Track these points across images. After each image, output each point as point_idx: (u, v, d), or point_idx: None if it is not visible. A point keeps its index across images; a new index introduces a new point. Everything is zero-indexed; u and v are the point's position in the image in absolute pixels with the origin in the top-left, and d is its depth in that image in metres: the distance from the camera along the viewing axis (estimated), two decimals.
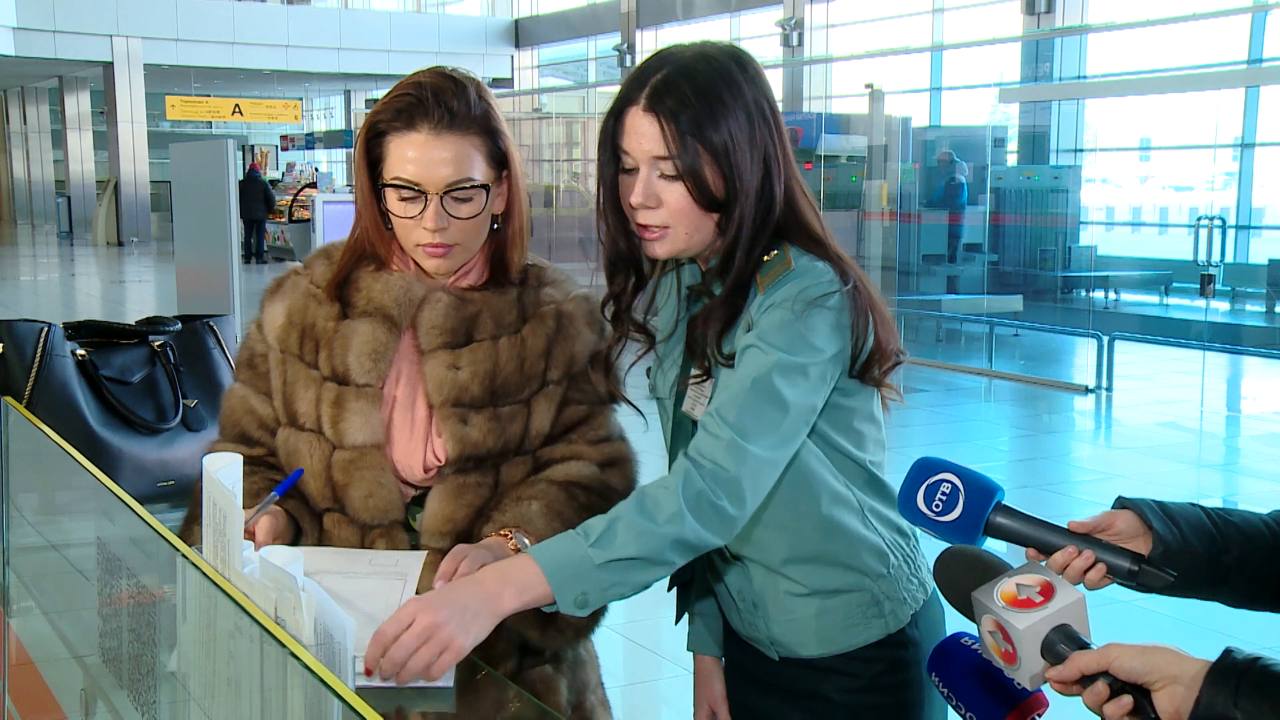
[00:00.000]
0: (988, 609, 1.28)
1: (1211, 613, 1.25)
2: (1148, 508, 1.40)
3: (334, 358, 1.79)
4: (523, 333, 1.82)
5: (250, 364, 1.88)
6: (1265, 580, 1.42)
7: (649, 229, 1.62)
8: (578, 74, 27.89)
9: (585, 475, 1.82)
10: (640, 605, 2.15)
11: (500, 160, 1.78)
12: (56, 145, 31.04)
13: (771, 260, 1.61)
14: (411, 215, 1.74)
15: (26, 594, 2.41)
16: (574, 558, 1.48)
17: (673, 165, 1.57)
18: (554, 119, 19.40)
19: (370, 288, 1.81)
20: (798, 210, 1.64)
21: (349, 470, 1.76)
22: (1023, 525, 1.38)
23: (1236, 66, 14.07)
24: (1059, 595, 1.26)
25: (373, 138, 1.76)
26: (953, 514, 1.38)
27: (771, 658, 1.76)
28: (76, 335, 2.82)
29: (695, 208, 1.59)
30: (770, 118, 1.61)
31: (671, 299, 1.80)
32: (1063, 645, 1.24)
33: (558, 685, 1.83)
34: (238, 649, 1.27)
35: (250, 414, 1.86)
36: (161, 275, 17.72)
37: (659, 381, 1.78)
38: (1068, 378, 10.46)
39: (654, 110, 1.57)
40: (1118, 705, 1.19)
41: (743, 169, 1.57)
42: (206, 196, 6.07)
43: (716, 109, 1.56)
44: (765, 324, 1.57)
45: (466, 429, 1.77)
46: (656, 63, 1.61)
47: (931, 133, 14.55)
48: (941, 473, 1.40)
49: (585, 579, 1.48)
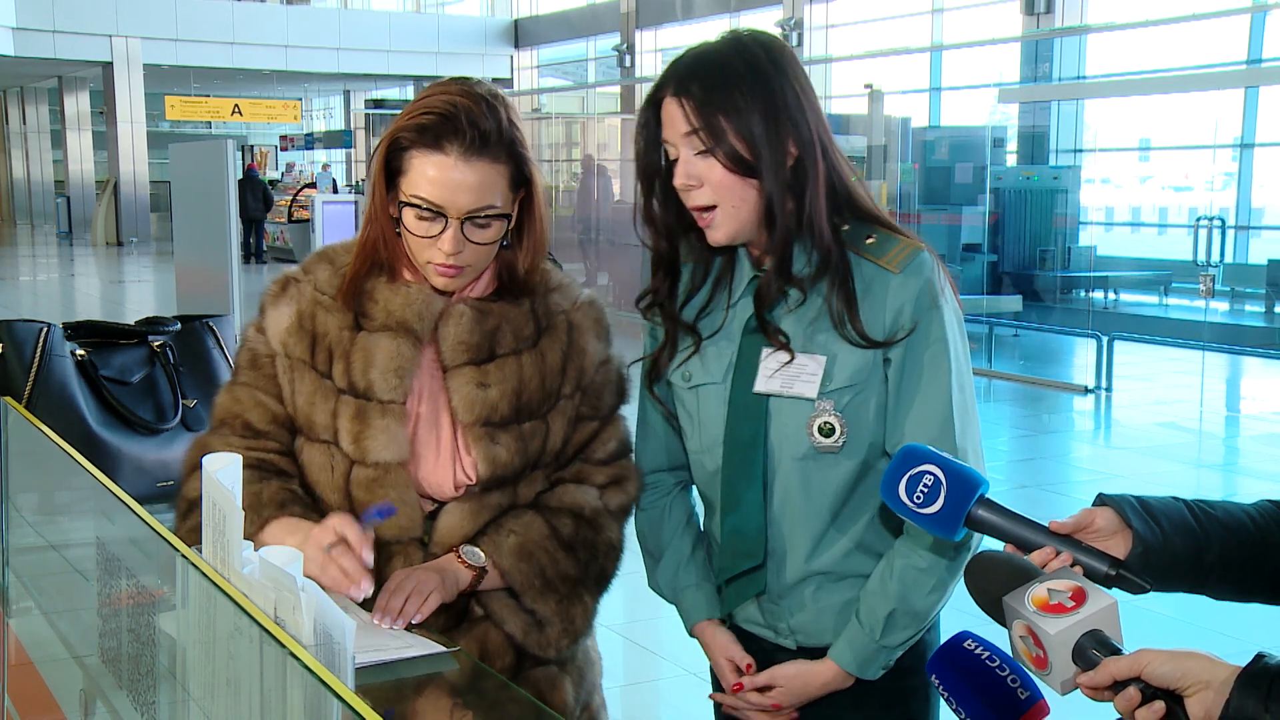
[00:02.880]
0: (1019, 614, 1.27)
1: (1211, 613, 1.26)
2: (1127, 505, 1.39)
3: (353, 371, 1.75)
4: (540, 346, 1.80)
5: (254, 365, 1.84)
6: (1249, 573, 1.43)
7: (701, 213, 1.68)
8: (577, 74, 27.88)
9: (583, 503, 1.83)
10: (640, 605, 2.15)
11: (520, 183, 1.76)
12: (56, 145, 31.02)
13: (889, 238, 1.69)
14: (428, 235, 1.71)
15: (26, 594, 2.41)
16: (869, 651, 1.72)
17: (700, 140, 1.64)
18: (553, 119, 19.41)
19: (389, 300, 1.77)
20: (853, 193, 1.72)
21: (372, 488, 1.74)
22: (1004, 521, 1.36)
23: (1236, 67, 14.08)
24: (1091, 600, 1.25)
25: (394, 149, 1.72)
26: (933, 507, 1.36)
27: (788, 647, 1.78)
28: (76, 335, 2.82)
29: (731, 176, 1.64)
30: (798, 91, 1.66)
31: (705, 290, 1.80)
32: (1094, 650, 1.23)
33: (562, 684, 1.84)
34: (237, 649, 1.27)
35: (260, 407, 1.82)
36: (161, 275, 17.71)
37: (697, 370, 1.77)
38: (1067, 378, 10.46)
39: (677, 95, 1.66)
40: (1150, 711, 1.18)
41: (764, 133, 1.63)
42: (206, 196, 6.08)
43: (732, 80, 1.63)
44: (934, 323, 1.66)
45: (497, 449, 1.76)
46: (680, 57, 1.70)
47: (931, 133, 14.54)
48: (925, 464, 1.38)
49: (880, 656, 1.72)
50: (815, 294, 1.69)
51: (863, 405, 1.68)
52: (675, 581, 1.88)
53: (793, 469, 1.70)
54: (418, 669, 1.60)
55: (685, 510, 1.91)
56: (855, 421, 1.68)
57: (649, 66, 23.65)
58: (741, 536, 1.73)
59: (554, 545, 1.78)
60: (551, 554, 1.78)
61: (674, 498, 1.90)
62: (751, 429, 1.70)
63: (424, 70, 27.60)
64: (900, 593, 1.69)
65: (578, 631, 1.82)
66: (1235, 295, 13.66)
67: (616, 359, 1.91)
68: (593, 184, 15.05)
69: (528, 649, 1.78)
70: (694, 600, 1.86)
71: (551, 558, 1.78)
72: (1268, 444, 8.36)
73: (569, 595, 1.80)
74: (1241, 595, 1.46)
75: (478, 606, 1.79)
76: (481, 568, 1.74)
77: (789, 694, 1.76)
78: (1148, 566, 1.37)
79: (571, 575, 1.80)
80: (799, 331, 1.69)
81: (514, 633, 1.77)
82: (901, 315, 1.66)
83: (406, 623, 1.65)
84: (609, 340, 1.89)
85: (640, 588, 1.97)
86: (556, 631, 1.79)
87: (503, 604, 1.78)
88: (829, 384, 1.66)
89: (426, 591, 1.67)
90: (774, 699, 1.75)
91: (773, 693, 1.76)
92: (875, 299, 1.67)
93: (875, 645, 1.71)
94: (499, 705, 1.65)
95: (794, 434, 1.68)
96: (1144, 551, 1.37)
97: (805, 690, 1.75)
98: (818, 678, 1.74)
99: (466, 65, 27.36)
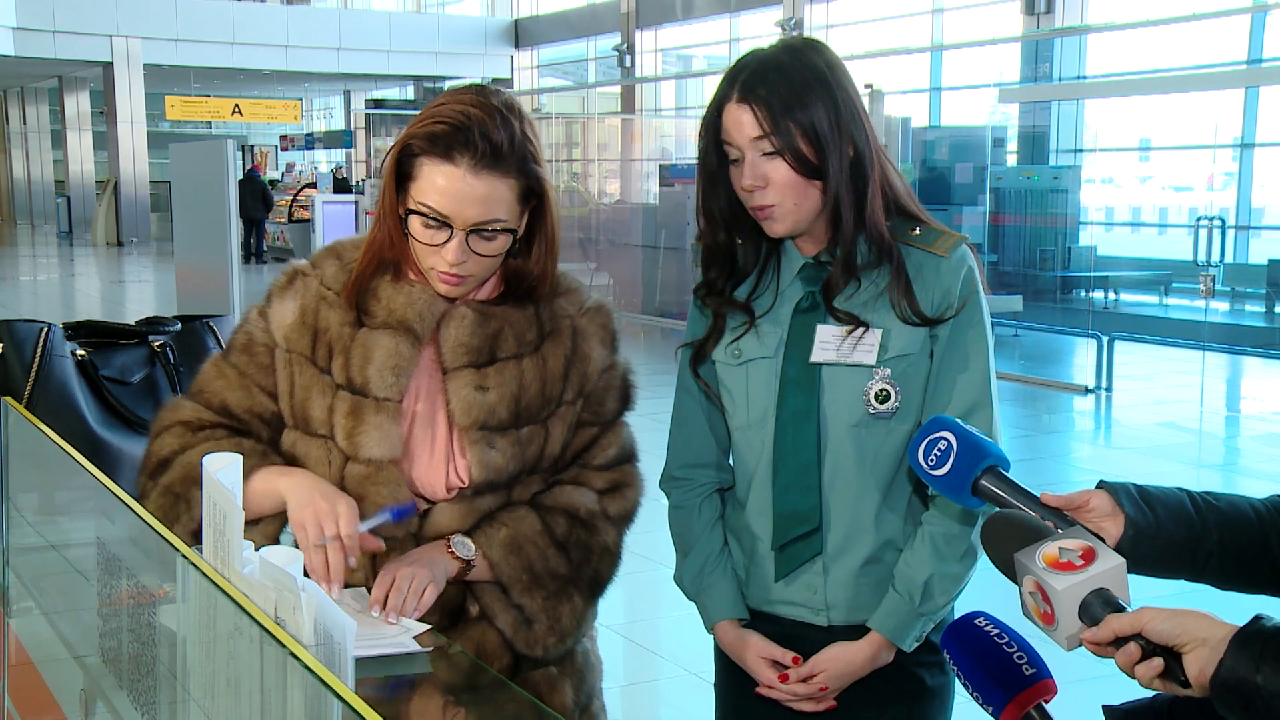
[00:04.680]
0: (1029, 570, 1.31)
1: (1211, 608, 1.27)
2: (1122, 490, 1.44)
3: (351, 367, 1.76)
4: (543, 351, 1.81)
5: (248, 349, 1.83)
6: (1249, 565, 1.45)
7: (762, 209, 1.77)
8: (577, 74, 27.89)
9: (579, 504, 1.83)
10: (640, 605, 2.15)
11: (531, 196, 1.76)
12: (56, 145, 31.02)
13: (933, 230, 1.82)
14: (433, 243, 1.71)
15: (26, 594, 2.41)
16: (908, 619, 1.80)
17: (769, 143, 1.73)
18: (554, 119, 19.42)
19: (392, 299, 1.77)
20: (899, 193, 1.83)
21: (364, 485, 1.74)
22: (1005, 491, 1.46)
23: (1236, 67, 14.08)
24: (1100, 560, 1.28)
25: (406, 154, 1.72)
26: (943, 469, 1.49)
27: (818, 625, 1.83)
28: (76, 335, 2.82)
29: (797, 178, 1.74)
30: (851, 97, 1.77)
31: (753, 276, 1.89)
32: (1099, 608, 1.26)
33: (562, 686, 1.84)
34: (238, 649, 1.27)
35: (243, 391, 1.82)
36: (161, 275, 17.71)
37: (750, 346, 1.84)
38: (1067, 378, 10.46)
39: (746, 100, 1.74)
40: (1148, 667, 1.21)
41: (831, 138, 1.74)
42: (206, 197, 6.08)
43: (800, 88, 1.73)
44: (976, 308, 1.80)
45: (492, 453, 1.76)
46: (743, 63, 1.78)
47: (931, 133, 14.55)
48: (943, 430, 1.51)
49: (917, 625, 1.81)
50: (868, 279, 1.81)
51: (914, 376, 1.80)
52: (700, 578, 1.90)
53: (846, 436, 1.79)
54: (415, 665, 1.61)
55: (715, 510, 1.93)
56: (906, 390, 1.79)
57: (649, 66, 23.66)
58: (797, 500, 1.80)
59: (545, 542, 1.79)
60: (542, 550, 1.78)
61: (705, 498, 1.93)
62: (805, 399, 1.79)
63: (424, 70, 27.62)
64: (934, 559, 1.79)
65: (565, 631, 1.82)
66: (1235, 295, 13.66)
67: (622, 365, 1.91)
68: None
69: (516, 646, 1.78)
70: (717, 598, 1.89)
71: (541, 554, 1.78)
72: (1268, 444, 8.37)
73: (557, 593, 1.80)
74: (1244, 586, 1.47)
75: (473, 605, 1.79)
76: (469, 559, 1.75)
77: (834, 676, 1.81)
78: (1139, 550, 1.41)
79: (561, 574, 1.80)
80: (854, 311, 1.81)
81: (504, 628, 1.78)
82: (950, 295, 1.79)
83: (399, 618, 1.66)
84: (615, 347, 1.89)
85: (640, 588, 1.98)
86: (543, 629, 1.79)
87: (494, 598, 1.78)
88: (885, 353, 1.78)
89: (421, 587, 1.68)
90: (821, 683, 1.81)
91: (819, 677, 1.81)
92: (926, 281, 1.80)
93: (914, 612, 1.79)
94: (497, 704, 1.65)
95: (849, 401, 1.79)
96: (1135, 535, 1.41)
97: (850, 670, 1.81)
98: (860, 654, 1.81)
99: (467, 65, 27.39)
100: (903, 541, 1.83)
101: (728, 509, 1.93)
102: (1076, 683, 1.30)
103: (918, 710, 1.86)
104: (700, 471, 1.92)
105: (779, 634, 1.84)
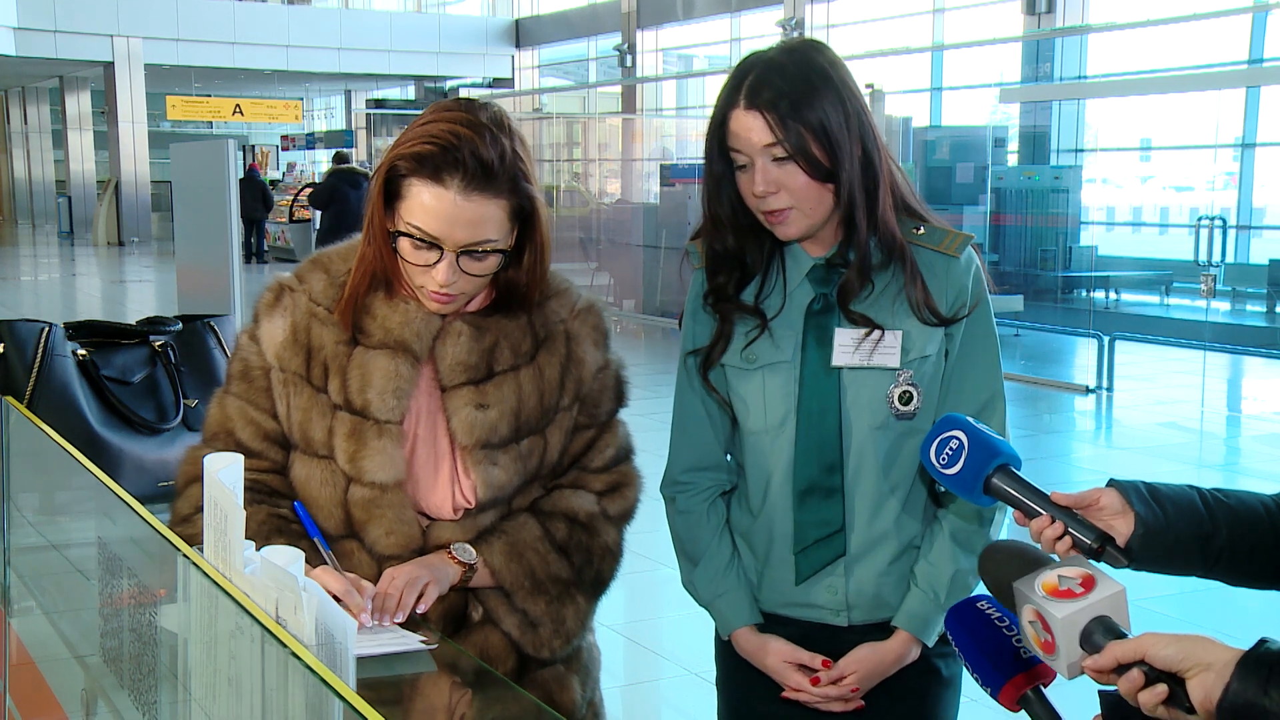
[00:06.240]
0: (1028, 599, 1.30)
1: (1213, 613, 1.26)
2: (1132, 488, 1.44)
3: (349, 389, 1.74)
4: (538, 361, 1.79)
5: (245, 376, 1.81)
6: (1260, 561, 1.45)
7: (775, 214, 1.76)
8: (578, 74, 27.89)
9: (577, 508, 1.83)
10: (640, 605, 2.15)
11: (521, 214, 1.72)
12: (57, 145, 31.03)
13: (937, 229, 1.82)
14: (423, 263, 1.68)
15: (27, 594, 2.42)
16: (933, 615, 1.81)
17: (781, 148, 1.71)
18: (554, 119, 19.43)
19: (387, 318, 1.74)
20: (904, 192, 1.82)
21: (369, 508, 1.74)
22: (1016, 489, 1.45)
23: (1236, 66, 14.07)
24: (1100, 587, 1.27)
25: (393, 175, 1.68)
26: (955, 468, 1.49)
27: (838, 625, 1.83)
28: (77, 335, 2.82)
29: (810, 182, 1.73)
30: (856, 95, 1.76)
31: (757, 279, 1.88)
32: (1100, 635, 1.25)
33: (570, 684, 1.85)
34: (239, 649, 1.27)
35: (251, 424, 1.80)
36: (162, 275, 17.72)
37: (765, 350, 1.82)
38: (1068, 378, 10.46)
39: (754, 106, 1.72)
40: (1152, 693, 1.20)
41: (841, 138, 1.72)
42: (207, 196, 6.07)
43: (808, 92, 1.71)
44: (985, 314, 1.83)
45: (495, 470, 1.75)
46: (745, 68, 1.76)
47: (932, 133, 14.54)
48: (955, 429, 1.51)
49: (940, 621, 1.80)
50: (881, 280, 1.80)
51: (933, 376, 1.81)
52: (714, 586, 1.89)
53: (868, 439, 1.79)
54: (417, 664, 1.61)
55: (721, 515, 1.92)
56: (926, 391, 1.80)
57: (650, 66, 23.66)
58: (820, 503, 1.80)
59: (546, 547, 1.79)
60: (543, 555, 1.78)
61: (710, 503, 1.91)
62: (827, 402, 1.79)
63: (425, 70, 27.62)
64: (956, 554, 1.81)
65: (570, 633, 1.82)
66: (1236, 295, 13.65)
67: (615, 363, 1.90)
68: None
69: (524, 648, 1.78)
70: (733, 605, 1.88)
71: (543, 559, 1.78)
72: (1269, 444, 8.36)
73: (560, 597, 1.80)
74: (1254, 582, 1.47)
75: (476, 610, 1.79)
76: (470, 564, 1.74)
77: (864, 677, 1.82)
78: (1149, 548, 1.41)
79: (563, 577, 1.80)
80: (869, 313, 1.81)
81: (511, 630, 1.78)
82: (963, 294, 1.81)
83: (406, 616, 1.66)
84: (607, 346, 1.88)
85: (640, 588, 1.98)
86: (548, 632, 1.79)
87: (499, 602, 1.79)
88: (907, 355, 1.78)
89: (420, 585, 1.67)
90: (852, 685, 1.81)
91: (850, 678, 1.81)
92: (938, 280, 1.81)
93: (938, 608, 1.80)
94: (503, 704, 1.65)
95: (873, 403, 1.79)
96: (1145, 533, 1.41)
97: (879, 669, 1.82)
98: (890, 653, 1.82)
99: (467, 65, 27.40)
100: (920, 539, 1.84)
101: (734, 513, 1.92)
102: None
103: (932, 698, 1.88)
104: (704, 475, 1.91)
105: (796, 635, 1.84)
